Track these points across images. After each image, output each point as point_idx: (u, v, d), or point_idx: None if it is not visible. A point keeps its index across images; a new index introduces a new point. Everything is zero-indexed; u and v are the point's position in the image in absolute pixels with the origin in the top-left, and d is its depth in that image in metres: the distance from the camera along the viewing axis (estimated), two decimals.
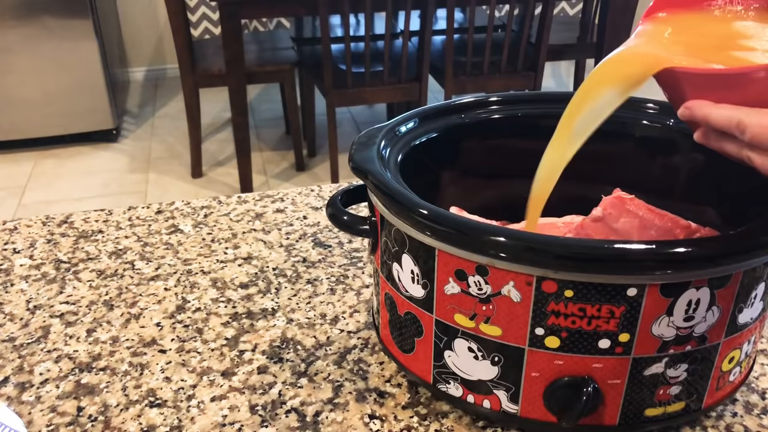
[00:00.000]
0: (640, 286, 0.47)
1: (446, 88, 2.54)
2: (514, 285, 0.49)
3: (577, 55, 2.95)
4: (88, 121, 3.07)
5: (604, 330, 0.49)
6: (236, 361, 0.65)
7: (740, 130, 0.43)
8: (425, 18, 2.34)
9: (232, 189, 2.77)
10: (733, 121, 0.43)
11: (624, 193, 0.61)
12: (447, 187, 0.69)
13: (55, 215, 0.89)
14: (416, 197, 0.52)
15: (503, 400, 0.54)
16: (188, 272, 0.78)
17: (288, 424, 0.58)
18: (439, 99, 3.24)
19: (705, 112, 0.45)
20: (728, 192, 0.63)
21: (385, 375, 0.63)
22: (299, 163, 2.90)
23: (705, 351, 0.51)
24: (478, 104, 0.69)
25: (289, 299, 0.73)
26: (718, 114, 0.44)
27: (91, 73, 2.98)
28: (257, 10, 2.34)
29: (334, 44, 2.66)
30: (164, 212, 0.90)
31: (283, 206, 0.91)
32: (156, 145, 3.15)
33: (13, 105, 2.95)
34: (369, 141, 0.60)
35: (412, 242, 0.53)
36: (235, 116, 2.50)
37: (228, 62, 2.38)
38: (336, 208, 0.60)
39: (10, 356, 0.66)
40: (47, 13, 2.83)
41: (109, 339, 0.68)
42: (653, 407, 0.53)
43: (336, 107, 2.48)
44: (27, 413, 0.60)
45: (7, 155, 3.04)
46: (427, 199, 0.52)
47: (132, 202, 2.69)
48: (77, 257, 0.81)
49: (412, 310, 0.56)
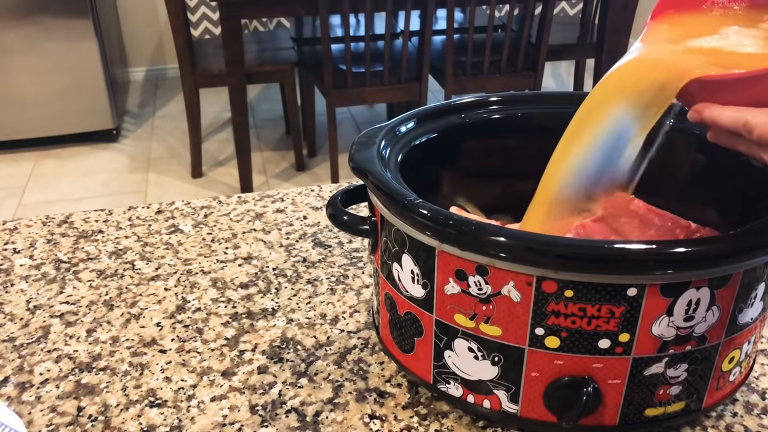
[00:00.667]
0: (640, 286, 0.47)
1: (446, 88, 2.54)
2: (514, 285, 0.49)
3: (577, 55, 2.95)
4: (88, 121, 3.07)
5: (604, 330, 0.49)
6: (236, 361, 0.65)
7: (747, 130, 0.44)
8: (425, 18, 2.34)
9: (232, 189, 2.77)
10: (739, 122, 0.44)
11: (624, 193, 0.61)
12: (447, 187, 0.69)
13: (55, 215, 0.89)
14: (416, 197, 0.52)
15: (503, 400, 0.54)
16: (188, 272, 0.78)
17: (288, 424, 0.58)
18: (439, 99, 3.24)
19: (713, 114, 0.46)
20: (728, 192, 0.63)
21: (385, 375, 0.63)
22: (299, 163, 2.90)
23: (705, 351, 0.51)
24: (478, 104, 0.69)
25: (289, 299, 0.73)
26: (726, 116, 0.45)
27: (91, 73, 2.98)
28: (257, 10, 2.34)
29: (334, 44, 2.66)
30: (164, 212, 0.90)
31: (283, 206, 0.91)
32: (156, 145, 3.15)
33: (13, 105, 2.95)
34: (369, 141, 0.60)
35: (412, 242, 0.53)
36: (235, 116, 2.50)
37: (228, 62, 2.38)
38: (336, 208, 0.60)
39: (10, 356, 0.66)
40: (47, 13, 2.83)
41: (109, 339, 0.68)
42: (653, 407, 0.53)
43: (336, 107, 2.48)
44: (27, 413, 0.60)
45: (7, 155, 3.04)
46: (427, 199, 0.52)
47: (132, 202, 2.69)
48: (77, 257, 0.81)
49: (412, 310, 0.56)
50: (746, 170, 0.59)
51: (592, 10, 2.91)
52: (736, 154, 0.59)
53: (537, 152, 0.69)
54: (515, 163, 0.70)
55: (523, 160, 0.70)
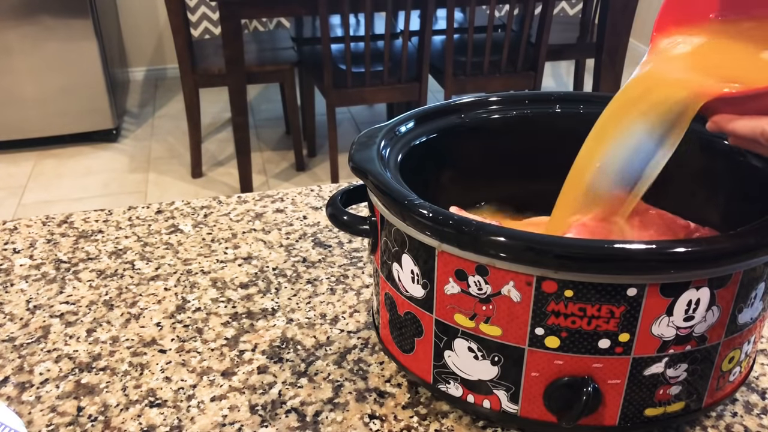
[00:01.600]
0: (640, 286, 0.47)
1: (446, 88, 2.54)
2: (514, 285, 0.49)
3: (577, 55, 2.95)
4: (88, 121, 3.07)
5: (604, 330, 0.49)
6: (236, 361, 0.65)
7: (765, 138, 0.47)
8: (425, 18, 2.34)
9: (232, 189, 2.77)
10: (757, 131, 0.47)
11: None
12: (447, 186, 0.69)
13: (55, 215, 0.89)
14: (416, 197, 0.52)
15: (503, 400, 0.54)
16: (188, 272, 0.78)
17: (288, 424, 0.58)
18: (439, 99, 3.24)
19: (732, 126, 0.49)
20: (729, 192, 0.63)
21: (385, 375, 0.63)
22: (299, 163, 2.90)
23: (705, 351, 0.51)
24: (478, 104, 0.69)
25: (289, 299, 0.73)
26: (743, 126, 0.48)
27: (91, 73, 2.98)
28: (257, 10, 2.34)
29: (334, 44, 2.66)
30: (164, 212, 0.90)
31: (283, 206, 0.91)
32: (156, 145, 3.15)
33: (13, 105, 2.95)
34: (369, 141, 0.60)
35: (412, 242, 0.53)
36: (235, 116, 2.50)
37: (228, 62, 2.38)
38: (336, 208, 0.60)
39: (10, 356, 0.66)
40: (47, 12, 2.83)
41: (109, 339, 0.68)
42: (653, 407, 0.53)
43: (336, 107, 2.49)
44: (27, 413, 0.60)
45: (7, 155, 3.04)
46: (427, 199, 0.52)
47: (132, 202, 2.69)
48: (77, 257, 0.81)
49: (412, 310, 0.56)
50: (746, 170, 0.60)
51: (592, 10, 2.91)
52: (736, 154, 0.60)
53: (537, 152, 0.69)
54: (515, 163, 0.70)
55: (523, 159, 0.71)
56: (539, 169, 0.66)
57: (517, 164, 0.70)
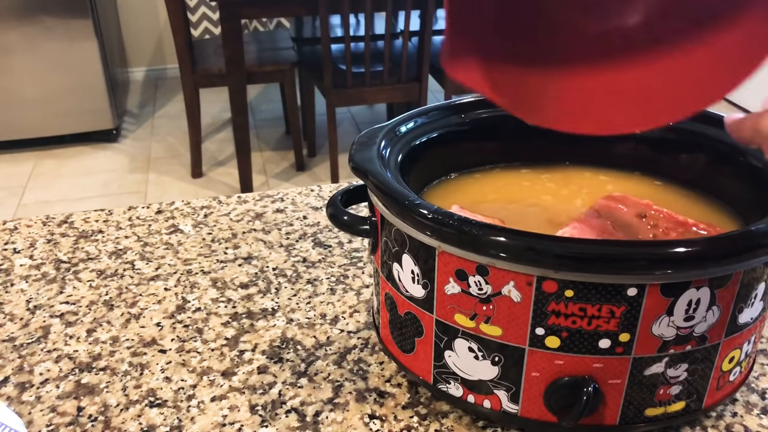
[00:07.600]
0: (641, 286, 0.47)
1: (446, 88, 2.54)
2: (515, 285, 0.49)
3: None
4: (88, 121, 3.07)
5: (604, 330, 0.49)
6: (236, 361, 0.65)
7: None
8: (425, 18, 2.34)
9: (232, 189, 2.77)
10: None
11: (624, 194, 0.61)
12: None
13: (55, 215, 0.89)
14: (416, 197, 0.52)
15: (503, 400, 0.54)
16: (188, 272, 0.78)
17: (288, 424, 0.58)
18: (439, 99, 3.24)
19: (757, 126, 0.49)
20: (729, 192, 0.63)
21: (385, 375, 0.63)
22: (299, 163, 2.90)
23: (705, 351, 0.51)
24: (478, 104, 0.69)
25: (289, 299, 0.73)
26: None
27: (91, 73, 2.98)
28: (257, 10, 2.34)
29: (334, 44, 2.66)
30: (164, 212, 0.90)
31: (283, 206, 0.91)
32: (156, 145, 3.15)
33: (13, 105, 2.95)
34: (369, 141, 0.60)
35: (412, 242, 0.53)
36: (235, 116, 2.51)
37: (228, 62, 2.38)
38: (336, 208, 0.60)
39: (10, 356, 0.66)
40: (47, 13, 2.83)
41: (109, 339, 0.68)
42: (653, 407, 0.53)
43: (336, 107, 2.49)
44: (27, 413, 0.60)
45: (7, 155, 3.04)
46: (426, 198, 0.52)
47: (132, 202, 2.69)
48: (77, 257, 0.81)
49: (412, 310, 0.56)
50: (746, 170, 0.60)
51: None
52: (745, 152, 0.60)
53: (537, 152, 0.69)
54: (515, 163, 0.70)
55: (522, 159, 0.71)
56: (538, 169, 0.66)
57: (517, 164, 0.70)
